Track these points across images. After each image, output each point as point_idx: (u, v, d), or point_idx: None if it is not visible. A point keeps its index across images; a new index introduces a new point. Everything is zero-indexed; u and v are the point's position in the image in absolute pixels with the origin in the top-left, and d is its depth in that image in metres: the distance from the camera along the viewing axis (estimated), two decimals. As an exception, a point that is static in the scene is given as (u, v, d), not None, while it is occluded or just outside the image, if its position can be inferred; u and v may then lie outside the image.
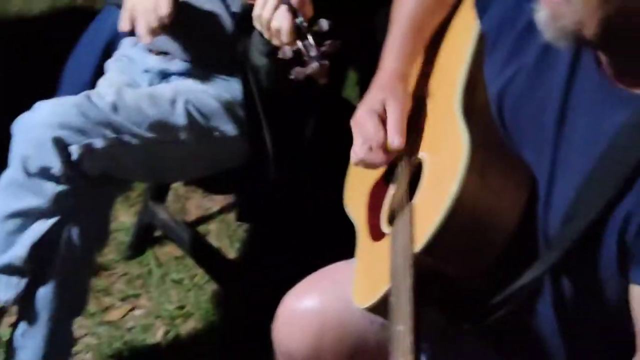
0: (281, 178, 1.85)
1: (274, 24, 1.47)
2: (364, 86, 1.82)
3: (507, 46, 1.13)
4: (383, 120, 1.30)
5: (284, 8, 1.47)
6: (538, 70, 1.09)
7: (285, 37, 1.46)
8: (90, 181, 1.67)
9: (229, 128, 1.81)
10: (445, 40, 1.39)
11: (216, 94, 1.82)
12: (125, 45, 1.96)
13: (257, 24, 1.53)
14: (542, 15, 0.95)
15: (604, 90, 1.00)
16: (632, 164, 0.95)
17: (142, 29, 1.70)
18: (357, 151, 1.30)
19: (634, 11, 0.89)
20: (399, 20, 1.39)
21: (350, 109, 1.40)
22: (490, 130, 1.18)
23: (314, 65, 1.41)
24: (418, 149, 1.30)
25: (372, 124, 1.29)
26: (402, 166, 1.32)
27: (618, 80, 0.99)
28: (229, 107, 1.81)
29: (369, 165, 1.30)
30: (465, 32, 1.31)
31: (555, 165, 1.07)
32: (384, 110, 1.31)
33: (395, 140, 1.27)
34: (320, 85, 1.46)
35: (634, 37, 0.93)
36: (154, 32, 1.70)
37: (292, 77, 1.43)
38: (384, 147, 1.28)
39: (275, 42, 1.49)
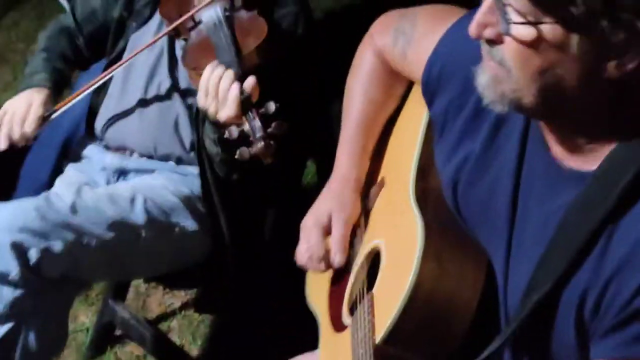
0: (241, 272, 1.84)
1: (221, 90, 1.49)
2: (322, 176, 1.85)
3: (455, 132, 1.15)
4: (328, 232, 1.36)
5: (230, 75, 1.50)
6: (487, 154, 1.11)
7: (232, 105, 1.47)
8: (49, 283, 1.65)
9: (189, 223, 1.80)
10: (397, 129, 1.42)
11: (175, 189, 1.82)
12: (83, 144, 1.97)
13: (202, 98, 1.54)
14: (483, 78, 0.98)
15: (552, 171, 1.02)
16: (582, 240, 0.96)
17: (2, 137, 1.76)
18: (301, 255, 1.37)
19: (569, 83, 0.92)
20: (349, 116, 1.42)
21: (310, 199, 1.42)
22: (445, 215, 1.19)
23: (260, 145, 1.43)
24: (376, 237, 1.31)
25: (316, 237, 1.36)
26: (361, 255, 1.32)
27: (565, 157, 1.01)
28: (188, 202, 1.81)
29: (310, 270, 1.36)
30: (415, 120, 1.33)
31: (511, 248, 1.08)
32: (330, 223, 1.37)
33: (337, 258, 1.35)
34: (270, 169, 1.48)
35: (570, 109, 0.96)
36: (12, 142, 1.76)
37: (237, 157, 1.44)
38: (325, 260, 1.35)
39: (220, 115, 1.50)
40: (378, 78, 1.40)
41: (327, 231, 1.37)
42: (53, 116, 1.79)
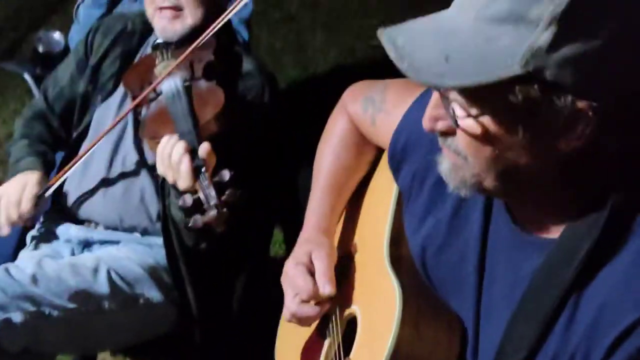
0: (208, 343, 1.80)
1: (173, 162, 1.50)
2: (290, 245, 1.84)
3: (422, 202, 1.18)
4: (311, 272, 1.32)
5: (181, 147, 1.52)
6: (454, 222, 1.13)
7: (184, 176, 1.48)
8: (8, 358, 1.60)
9: (154, 294, 1.78)
10: (369, 194, 1.43)
11: (140, 260, 1.80)
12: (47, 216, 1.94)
13: (159, 168, 1.56)
14: (444, 166, 1.01)
15: (516, 237, 1.04)
16: (549, 306, 0.97)
17: (2, 221, 1.76)
18: (290, 305, 1.31)
19: (523, 165, 0.95)
20: (319, 178, 1.43)
21: (278, 268, 1.40)
22: (419, 279, 1.20)
23: (212, 213, 1.43)
24: (350, 303, 1.30)
25: (301, 276, 1.31)
26: (335, 321, 1.31)
27: (528, 227, 1.03)
28: (153, 273, 1.79)
29: (302, 318, 1.30)
30: (386, 186, 1.34)
31: (479, 313, 1.09)
32: (311, 262, 1.33)
33: (326, 288, 1.29)
34: (237, 237, 1.46)
35: (529, 187, 0.98)
36: (13, 225, 1.77)
37: (190, 224, 1.44)
38: (316, 298, 1.29)
39: (178, 184, 1.52)
40: (349, 143, 1.42)
41: (310, 270, 1.32)
42: (47, 193, 1.79)
